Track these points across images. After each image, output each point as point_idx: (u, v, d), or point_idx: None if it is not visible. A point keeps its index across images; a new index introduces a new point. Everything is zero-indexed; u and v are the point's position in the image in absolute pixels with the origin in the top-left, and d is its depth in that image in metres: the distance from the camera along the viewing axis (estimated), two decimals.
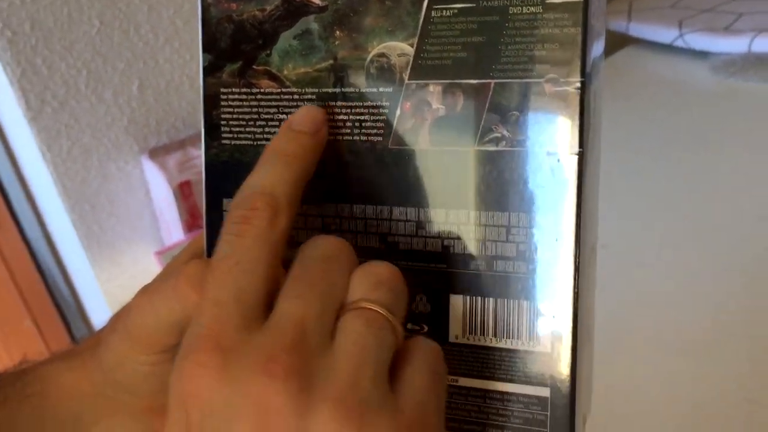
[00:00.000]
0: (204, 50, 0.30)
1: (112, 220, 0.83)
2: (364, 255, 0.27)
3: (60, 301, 0.92)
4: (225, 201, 0.30)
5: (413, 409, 0.22)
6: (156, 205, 0.85)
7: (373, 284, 0.24)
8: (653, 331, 0.57)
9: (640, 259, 0.66)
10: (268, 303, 0.24)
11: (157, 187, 0.82)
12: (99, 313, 0.90)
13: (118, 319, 0.30)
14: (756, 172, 0.76)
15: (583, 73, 0.25)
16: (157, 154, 0.81)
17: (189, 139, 0.83)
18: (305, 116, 0.27)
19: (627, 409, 0.50)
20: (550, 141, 0.25)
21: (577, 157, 0.25)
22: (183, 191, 0.81)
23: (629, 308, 0.59)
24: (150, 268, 0.87)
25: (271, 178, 0.25)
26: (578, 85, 0.25)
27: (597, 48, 0.26)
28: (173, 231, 0.84)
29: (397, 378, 0.23)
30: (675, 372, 0.53)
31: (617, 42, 1.13)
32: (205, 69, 0.30)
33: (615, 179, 0.77)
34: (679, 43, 1.03)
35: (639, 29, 1.09)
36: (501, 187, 0.26)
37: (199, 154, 0.82)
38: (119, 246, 0.85)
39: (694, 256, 0.65)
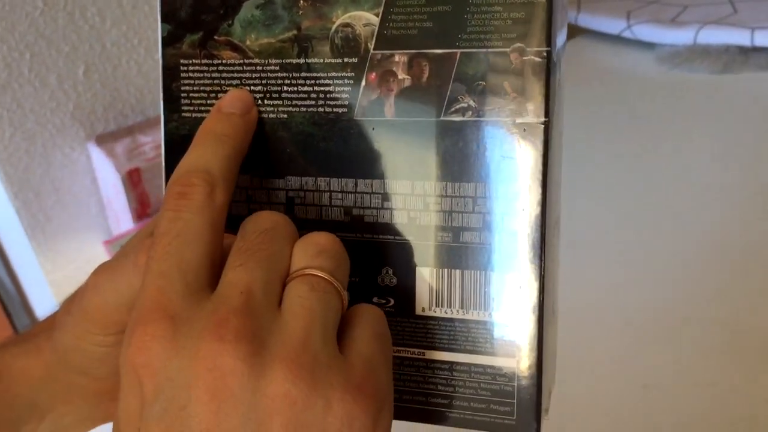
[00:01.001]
0: (163, 20, 0.29)
1: (58, 209, 0.80)
2: (329, 228, 0.27)
3: (2, 292, 0.89)
4: None
5: (362, 367, 0.23)
6: (104, 193, 0.83)
7: (314, 253, 0.24)
8: (605, 315, 0.58)
9: (588, 245, 0.67)
10: (214, 275, 0.24)
11: (105, 174, 0.80)
12: (43, 305, 0.87)
13: (73, 300, 0.29)
14: (699, 160, 0.78)
15: (548, 43, 0.25)
16: (104, 140, 0.79)
17: (138, 126, 0.81)
18: (234, 98, 0.28)
19: (578, 390, 0.51)
20: (517, 110, 0.25)
21: (543, 126, 0.25)
22: (132, 179, 0.79)
23: (581, 293, 0.60)
24: (98, 258, 0.85)
25: (206, 155, 0.26)
26: (544, 54, 0.25)
27: (560, 19, 0.26)
28: (122, 220, 0.82)
29: (344, 341, 0.24)
30: (626, 355, 0.54)
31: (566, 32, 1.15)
32: (163, 39, 0.29)
33: (565, 169, 0.78)
34: (627, 34, 1.05)
35: (588, 20, 1.11)
36: (467, 158, 0.26)
37: (148, 141, 0.81)
38: (65, 235, 0.82)
39: (641, 243, 0.66)
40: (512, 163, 0.26)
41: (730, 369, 0.51)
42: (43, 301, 0.87)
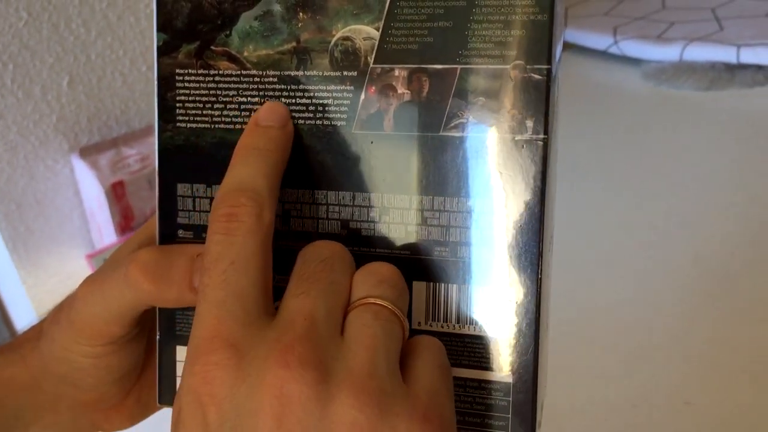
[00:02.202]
0: (159, 29, 0.28)
1: (40, 221, 0.79)
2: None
3: None
4: (179, 186, 0.29)
5: (426, 396, 0.23)
6: (87, 205, 0.82)
7: (376, 282, 0.24)
8: (593, 333, 0.58)
9: (574, 261, 0.67)
10: (269, 300, 0.24)
11: (88, 187, 0.79)
12: (24, 319, 0.86)
13: (61, 309, 0.29)
14: (685, 176, 0.79)
15: (549, 60, 0.25)
16: (88, 152, 0.78)
17: (122, 138, 0.81)
18: (270, 111, 0.27)
19: (567, 409, 0.50)
20: (516, 127, 0.25)
21: (542, 143, 0.25)
22: (116, 192, 0.78)
23: (567, 310, 0.60)
24: (80, 272, 0.84)
25: (250, 173, 0.25)
26: (544, 72, 0.25)
27: (559, 38, 0.26)
28: (105, 233, 0.81)
29: (407, 370, 0.23)
30: (615, 373, 0.54)
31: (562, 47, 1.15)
32: (159, 49, 0.28)
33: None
34: (614, 50, 1.06)
35: (574, 35, 1.12)
36: (465, 173, 0.26)
37: (132, 153, 0.80)
38: (47, 248, 0.81)
39: (627, 259, 0.66)
40: (511, 179, 0.26)
41: (718, 387, 0.51)
42: (24, 316, 0.86)
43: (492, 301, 0.26)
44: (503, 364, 0.27)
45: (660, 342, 0.56)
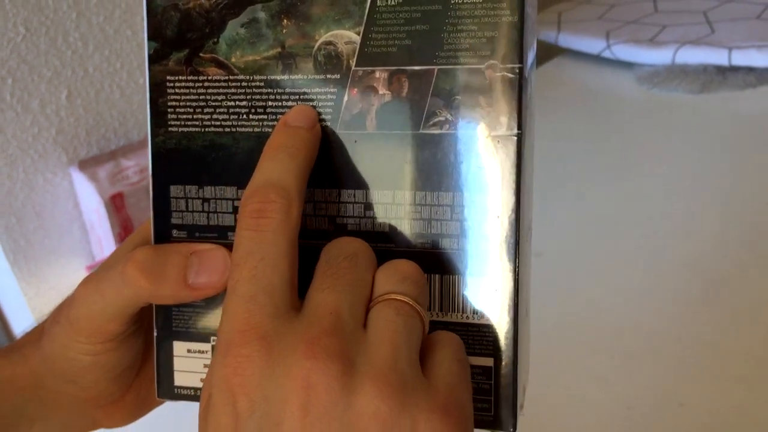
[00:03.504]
0: (149, 38, 0.30)
1: (40, 234, 0.80)
2: (314, 237, 0.28)
3: None
4: (172, 188, 0.30)
5: (446, 389, 0.23)
6: (86, 217, 0.82)
7: (398, 279, 0.25)
8: (588, 336, 0.58)
9: (572, 265, 0.67)
10: (296, 294, 0.25)
11: (88, 199, 0.80)
12: (24, 330, 0.86)
13: (60, 310, 0.30)
14: (678, 178, 0.79)
15: (521, 59, 0.26)
16: (87, 165, 0.79)
17: (120, 150, 0.82)
18: (300, 113, 0.28)
19: (562, 410, 0.51)
20: (491, 123, 0.27)
21: (516, 138, 0.26)
22: (115, 203, 0.79)
23: (563, 313, 0.61)
24: None
25: (279, 170, 0.26)
26: (517, 70, 0.26)
27: (531, 38, 0.27)
28: (105, 245, 0.82)
29: (427, 364, 0.24)
30: (610, 375, 0.54)
31: (547, 52, 1.16)
32: (150, 57, 0.30)
33: (545, 187, 0.79)
34: (607, 54, 1.07)
35: (568, 40, 1.13)
36: (445, 168, 0.27)
37: (131, 165, 0.81)
38: (48, 260, 0.82)
39: (622, 262, 0.67)
40: (487, 172, 0.27)
41: (712, 389, 0.51)
42: (25, 327, 0.86)
43: (473, 289, 0.28)
44: (485, 349, 0.28)
45: (654, 344, 0.56)
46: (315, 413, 0.22)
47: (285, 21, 0.28)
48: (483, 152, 0.27)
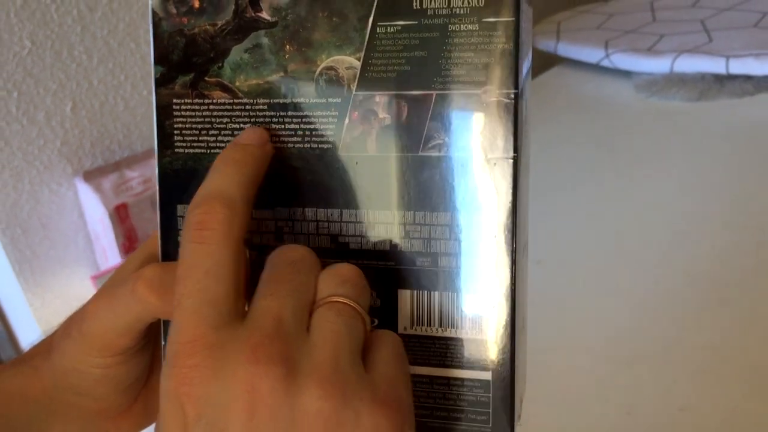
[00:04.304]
0: (156, 62, 0.31)
1: (46, 244, 0.81)
2: (317, 255, 0.28)
3: None
4: (179, 207, 0.31)
5: (386, 384, 0.25)
6: (91, 228, 0.83)
7: (339, 282, 0.26)
8: (588, 342, 0.58)
9: (573, 272, 0.68)
10: (242, 302, 0.26)
11: (92, 209, 0.80)
12: (31, 340, 0.87)
13: (71, 323, 0.31)
14: (677, 186, 0.79)
15: (516, 85, 0.27)
16: (91, 176, 0.80)
17: (125, 161, 0.82)
18: (250, 132, 0.29)
19: (562, 416, 0.51)
20: (488, 147, 0.28)
21: (512, 161, 0.27)
22: (119, 214, 0.80)
23: (563, 319, 0.61)
24: (85, 293, 0.85)
25: (224, 181, 0.27)
26: (512, 95, 0.27)
27: (526, 64, 0.28)
28: (109, 255, 0.82)
29: (368, 362, 0.25)
30: (610, 381, 0.54)
31: (546, 61, 1.17)
32: (157, 80, 0.31)
33: (545, 196, 0.79)
34: (606, 63, 1.07)
35: (567, 49, 1.13)
36: (443, 190, 0.28)
37: (135, 176, 0.81)
38: (53, 270, 0.83)
39: (623, 269, 0.67)
40: (484, 193, 0.28)
41: (712, 394, 0.52)
42: (31, 337, 0.87)
43: (471, 305, 0.29)
44: (483, 363, 0.29)
45: (654, 348, 0.56)
46: (260, 416, 0.22)
47: (287, 47, 0.29)
48: (480, 174, 0.28)
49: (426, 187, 0.28)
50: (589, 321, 0.61)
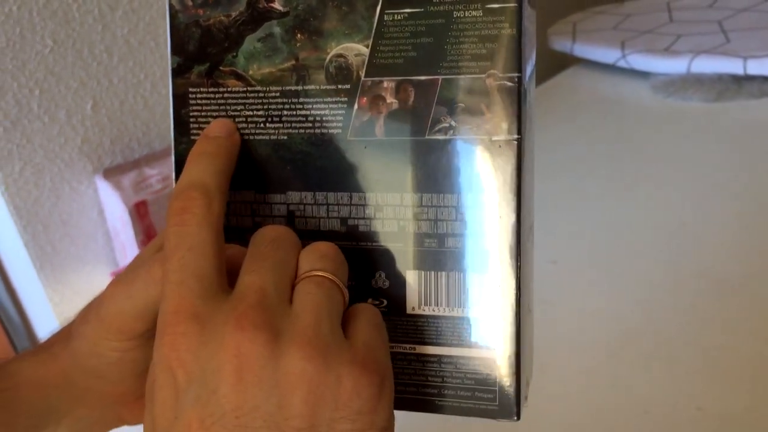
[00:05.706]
0: (172, 53, 0.32)
1: (66, 241, 0.82)
2: (327, 238, 0.30)
3: (9, 324, 0.90)
4: None
5: (364, 347, 0.26)
6: (110, 225, 0.84)
7: (317, 257, 0.28)
8: (603, 340, 0.58)
9: (589, 272, 0.68)
10: (224, 278, 0.27)
11: (112, 207, 0.81)
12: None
13: (89, 309, 0.32)
14: (693, 186, 0.79)
15: (519, 69, 0.28)
16: (111, 173, 0.81)
17: (144, 159, 0.83)
18: (218, 125, 0.31)
19: (580, 415, 0.51)
20: (492, 129, 0.28)
21: (516, 142, 0.28)
22: (139, 211, 0.81)
23: (579, 319, 0.61)
24: None
25: (199, 171, 0.29)
26: (516, 79, 0.28)
27: (529, 48, 0.29)
28: (129, 251, 0.83)
29: (348, 330, 0.27)
30: (627, 380, 0.54)
31: (562, 62, 1.17)
32: (173, 70, 0.32)
33: (560, 195, 0.80)
34: (622, 63, 1.07)
35: (583, 50, 1.13)
36: (450, 172, 0.29)
37: (154, 174, 0.82)
38: (73, 267, 0.84)
39: (638, 269, 0.67)
40: (490, 175, 0.29)
41: (729, 394, 0.52)
42: (50, 332, 0.88)
43: (477, 286, 0.29)
44: (489, 342, 0.29)
45: (671, 349, 0.56)
46: (247, 378, 0.24)
47: (299, 35, 0.30)
48: (485, 156, 0.28)
49: (433, 169, 0.29)
50: (604, 320, 0.61)
